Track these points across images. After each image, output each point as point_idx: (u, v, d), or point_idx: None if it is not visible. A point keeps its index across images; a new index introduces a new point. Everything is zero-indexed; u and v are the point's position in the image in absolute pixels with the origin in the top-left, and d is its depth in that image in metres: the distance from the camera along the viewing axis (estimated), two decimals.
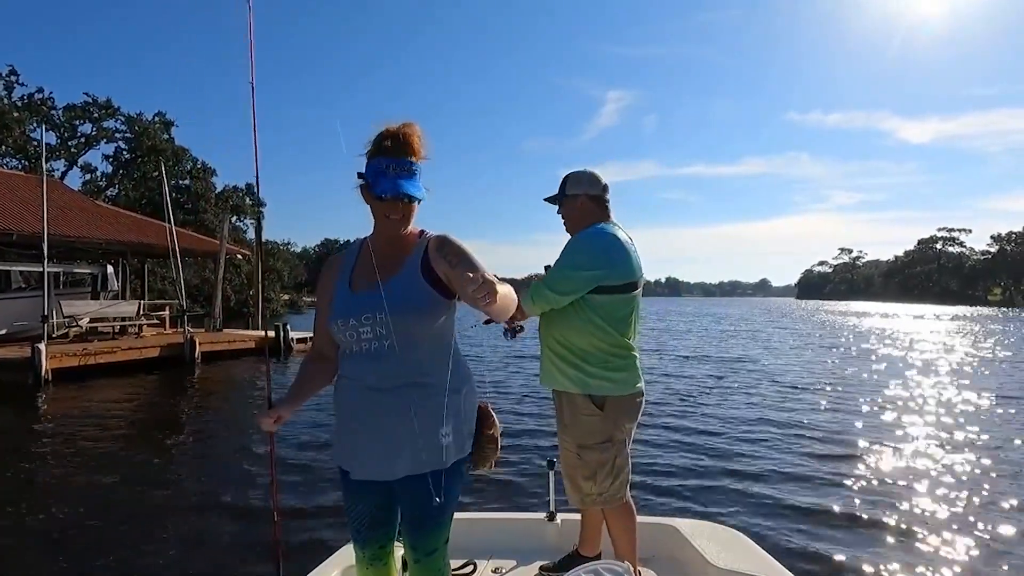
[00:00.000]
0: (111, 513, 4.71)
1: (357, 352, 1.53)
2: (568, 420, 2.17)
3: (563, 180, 2.29)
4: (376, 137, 1.54)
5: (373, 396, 1.50)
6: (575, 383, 2.11)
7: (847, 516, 4.53)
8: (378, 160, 1.51)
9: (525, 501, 4.65)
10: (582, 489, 2.16)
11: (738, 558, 2.23)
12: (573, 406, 2.14)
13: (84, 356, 12.02)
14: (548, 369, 2.21)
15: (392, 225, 1.53)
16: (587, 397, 2.10)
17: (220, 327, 18.62)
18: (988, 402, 9.38)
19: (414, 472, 1.48)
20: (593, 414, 2.10)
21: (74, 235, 15.50)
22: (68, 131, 35.92)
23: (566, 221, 2.29)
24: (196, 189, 39.42)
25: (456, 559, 2.24)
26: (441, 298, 1.54)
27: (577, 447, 2.14)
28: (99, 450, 6.75)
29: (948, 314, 54.22)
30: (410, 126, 1.54)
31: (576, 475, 2.17)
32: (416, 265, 1.54)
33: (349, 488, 1.60)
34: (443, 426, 1.50)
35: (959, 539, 4.10)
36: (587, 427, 2.12)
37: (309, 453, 6.30)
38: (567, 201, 2.27)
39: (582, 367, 2.10)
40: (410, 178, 1.50)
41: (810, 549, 3.92)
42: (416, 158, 1.52)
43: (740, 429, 7.37)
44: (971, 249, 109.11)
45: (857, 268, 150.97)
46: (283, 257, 51.63)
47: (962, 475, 5.56)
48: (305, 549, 3.60)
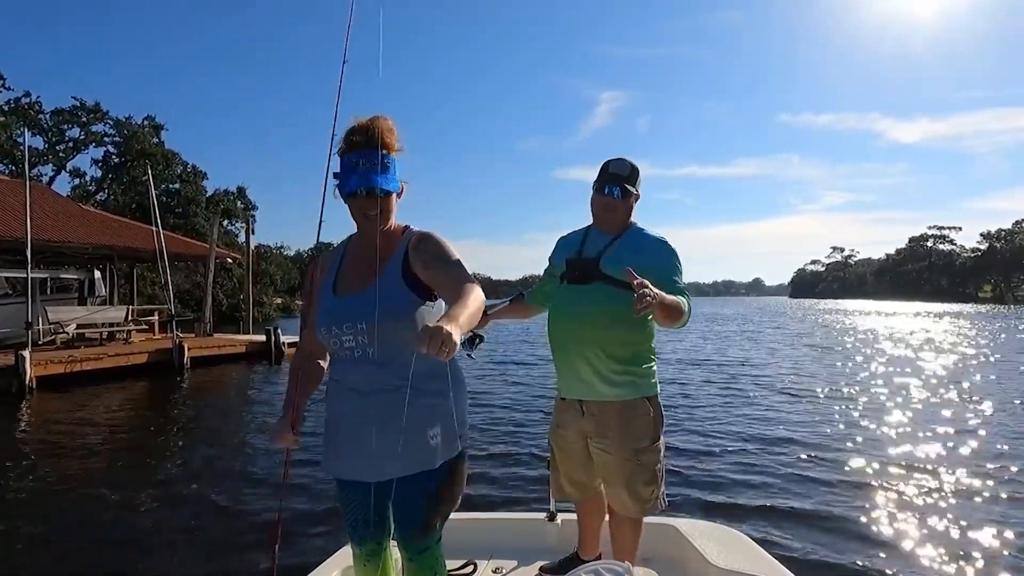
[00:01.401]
0: (94, 522, 4.61)
1: (344, 357, 1.54)
2: (619, 428, 2.04)
3: (635, 169, 2.10)
4: (345, 133, 1.51)
5: (360, 399, 1.51)
6: (632, 389, 2.04)
7: (847, 516, 4.48)
8: (348, 156, 1.48)
9: (525, 501, 4.64)
10: (642, 496, 2.06)
11: (738, 558, 2.21)
12: (627, 412, 2.04)
13: (70, 363, 11.84)
14: (587, 381, 2.04)
15: (371, 222, 1.50)
16: (644, 399, 2.06)
17: (211, 332, 18.43)
18: (989, 402, 9.35)
19: (403, 473, 1.49)
20: (647, 414, 2.05)
21: (60, 240, 15.28)
22: (56, 135, 35.61)
23: (623, 213, 2.10)
24: (186, 193, 39.18)
25: (456, 559, 2.23)
26: (421, 300, 1.51)
27: (635, 452, 2.04)
28: (81, 457, 6.60)
29: (942, 311, 54.52)
30: (379, 119, 1.50)
31: (636, 482, 2.05)
32: (397, 267, 1.51)
33: (342, 488, 1.62)
34: (431, 428, 1.51)
35: (959, 538, 4.06)
36: (643, 429, 2.05)
37: (307, 454, 6.26)
38: (630, 197, 2.09)
39: (633, 371, 2.04)
40: (382, 171, 1.46)
41: (810, 549, 3.89)
42: (388, 151, 1.49)
43: (740, 429, 7.32)
44: (961, 247, 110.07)
45: (849, 267, 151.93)
46: (276, 261, 51.38)
47: (963, 474, 5.50)
48: (305, 549, 3.64)
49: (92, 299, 17.24)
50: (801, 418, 8.04)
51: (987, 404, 9.01)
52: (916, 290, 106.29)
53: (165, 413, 9.77)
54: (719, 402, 9.25)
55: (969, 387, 10.71)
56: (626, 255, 2.00)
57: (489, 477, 5.42)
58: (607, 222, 2.12)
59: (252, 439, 7.68)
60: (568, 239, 2.26)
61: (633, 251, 2.03)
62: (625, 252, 2.03)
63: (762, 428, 7.41)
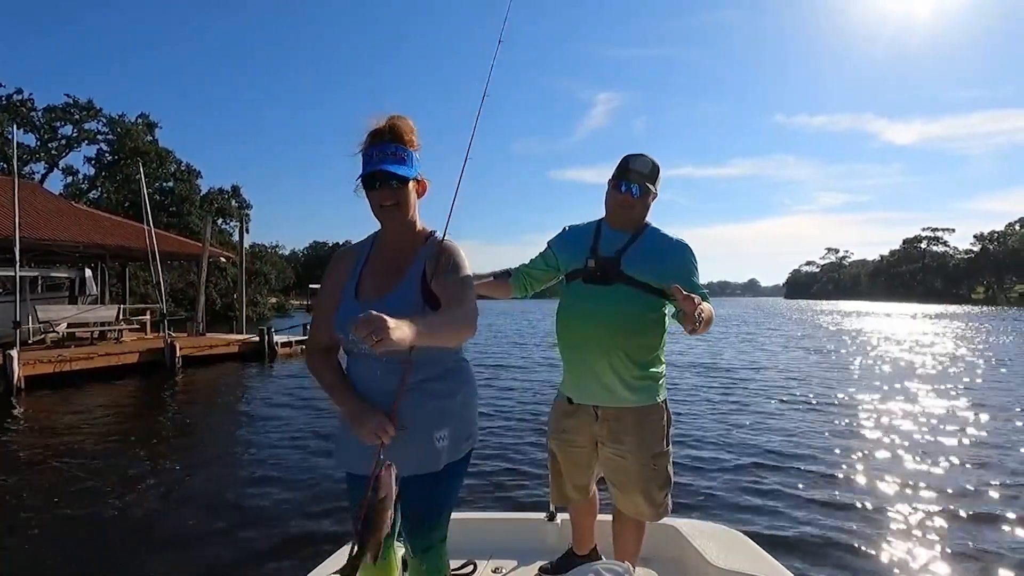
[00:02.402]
0: (83, 522, 4.55)
1: (356, 356, 1.56)
2: (636, 433, 2.00)
3: (656, 167, 2.01)
4: (367, 132, 1.55)
5: (371, 398, 1.51)
6: (649, 394, 2.01)
7: (847, 516, 4.48)
8: (366, 151, 1.52)
9: (525, 501, 4.62)
10: (656, 500, 2.05)
11: (738, 558, 2.21)
12: (643, 418, 2.01)
13: (59, 363, 11.68)
14: (607, 386, 1.97)
15: (389, 215, 1.52)
16: (660, 404, 2.04)
17: (203, 331, 18.26)
18: (989, 403, 9.33)
19: (409, 473, 1.49)
20: (662, 418, 2.04)
21: (50, 238, 15.11)
22: (48, 133, 35.32)
23: (639, 211, 2.02)
24: (180, 191, 38.92)
25: (456, 559, 2.22)
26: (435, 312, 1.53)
27: (652, 458, 2.02)
28: (68, 457, 6.48)
29: (937, 313, 54.81)
30: (398, 117, 1.54)
31: (651, 487, 2.04)
32: (416, 276, 1.53)
33: (351, 485, 1.63)
34: (439, 430, 1.52)
35: (959, 538, 4.04)
36: (658, 434, 2.04)
37: (307, 454, 6.41)
38: (649, 195, 2.02)
39: (651, 375, 2.01)
40: (394, 161, 1.48)
41: (810, 549, 3.88)
42: (405, 144, 1.51)
43: (740, 429, 7.29)
44: (955, 248, 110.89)
45: (844, 268, 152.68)
46: (271, 260, 51.15)
47: (963, 474, 5.48)
48: (305, 549, 3.64)
49: (83, 298, 17.05)
50: (801, 419, 7.99)
51: (988, 408, 8.97)
52: (910, 291, 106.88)
53: (155, 413, 9.65)
54: (718, 403, 9.18)
55: (969, 390, 10.70)
56: (648, 258, 1.95)
57: (489, 477, 5.42)
58: (622, 220, 2.04)
59: (241, 438, 7.65)
60: (577, 231, 2.15)
61: (655, 254, 1.97)
62: (647, 255, 1.97)
63: (762, 429, 7.36)
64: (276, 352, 16.28)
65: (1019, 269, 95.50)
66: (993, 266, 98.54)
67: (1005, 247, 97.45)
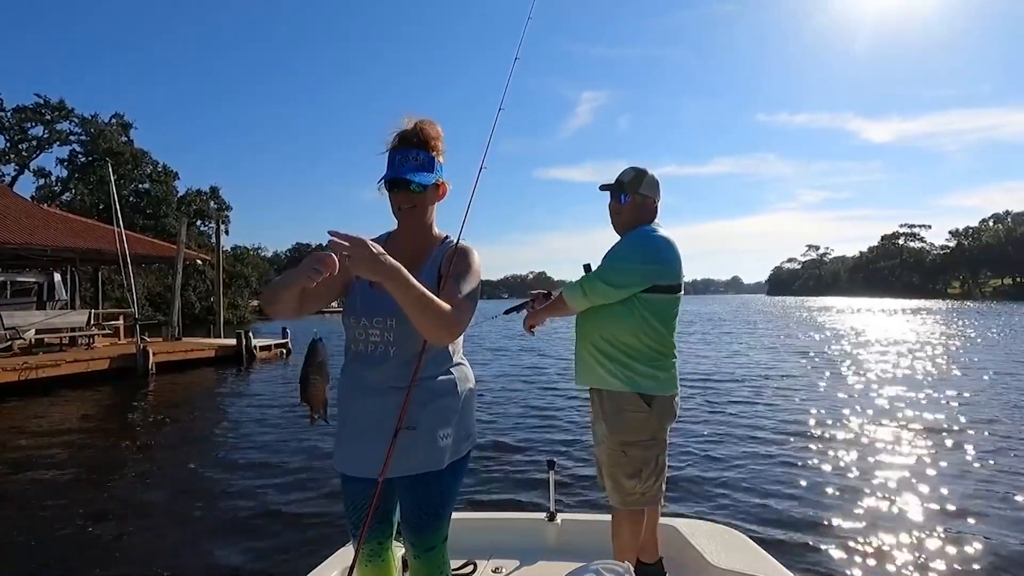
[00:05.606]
0: (49, 534, 4.34)
1: (361, 352, 1.55)
2: (612, 418, 2.13)
3: (638, 175, 2.21)
4: (395, 133, 1.56)
5: (373, 397, 1.52)
6: (625, 381, 2.10)
7: (847, 516, 4.43)
8: (390, 154, 1.53)
9: (525, 501, 4.60)
10: (624, 488, 2.12)
11: (738, 558, 2.22)
12: (619, 403, 2.12)
13: (24, 371, 11.26)
14: (590, 367, 2.18)
15: (406, 216, 1.54)
16: (636, 395, 2.10)
17: (179, 336, 17.81)
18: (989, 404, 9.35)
19: (411, 472, 1.50)
20: (641, 411, 2.10)
21: (16, 242, 14.60)
22: (18, 134, 34.37)
23: (625, 217, 2.22)
24: (157, 193, 38.14)
25: (456, 559, 2.22)
26: None
27: (622, 444, 2.11)
28: (31, 468, 6.17)
29: (915, 308, 55.74)
30: (426, 121, 1.56)
31: (619, 473, 2.12)
32: (432, 274, 1.54)
33: (347, 485, 1.62)
34: (441, 428, 1.53)
35: (959, 537, 3.99)
36: (634, 424, 2.11)
37: (306, 454, 6.35)
38: (637, 199, 2.21)
39: (632, 365, 2.10)
40: (416, 168, 1.50)
41: (810, 549, 3.85)
42: (430, 150, 1.53)
43: (740, 430, 7.21)
44: (931, 244, 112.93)
45: (824, 264, 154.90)
46: (252, 262, 50.37)
47: (964, 474, 5.41)
48: (305, 549, 3.62)
49: (52, 303, 16.55)
50: (801, 419, 7.91)
51: (988, 408, 8.99)
52: (888, 287, 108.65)
53: (125, 420, 9.28)
54: (718, 403, 9.06)
55: (956, 381, 10.75)
56: (607, 254, 2.16)
57: (489, 477, 5.40)
58: (613, 225, 2.28)
59: (214, 443, 7.43)
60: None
61: (613, 251, 2.16)
62: (609, 251, 2.18)
63: (762, 429, 7.29)
64: (255, 356, 15.93)
65: (993, 264, 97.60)
66: (968, 261, 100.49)
67: (979, 243, 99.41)
